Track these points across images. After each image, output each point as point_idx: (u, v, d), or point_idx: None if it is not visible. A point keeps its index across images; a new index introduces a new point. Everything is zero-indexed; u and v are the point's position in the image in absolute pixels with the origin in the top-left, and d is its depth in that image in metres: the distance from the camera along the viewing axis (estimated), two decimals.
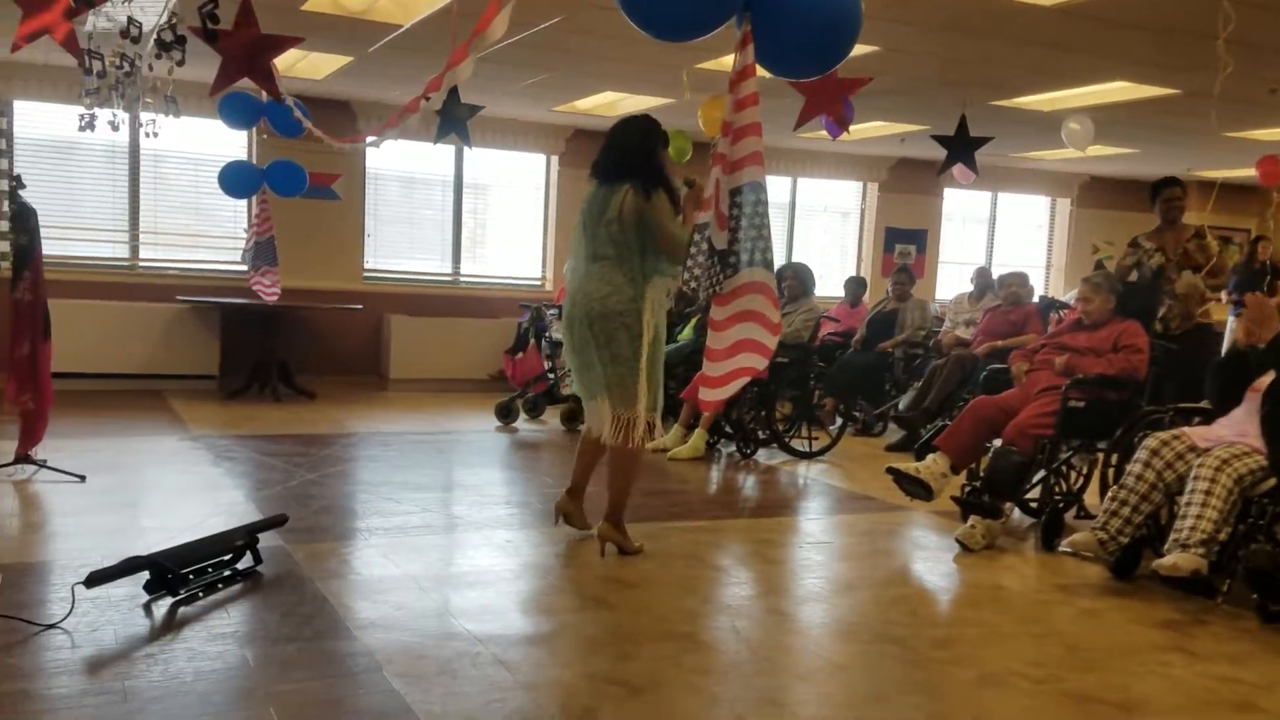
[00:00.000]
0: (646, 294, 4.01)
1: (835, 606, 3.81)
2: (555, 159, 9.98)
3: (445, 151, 9.27)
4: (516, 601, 3.65)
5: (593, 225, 4.08)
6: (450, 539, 4.45)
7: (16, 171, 7.24)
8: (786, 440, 6.86)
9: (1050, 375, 4.91)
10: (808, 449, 6.82)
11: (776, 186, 11.34)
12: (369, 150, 8.94)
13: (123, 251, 8.53)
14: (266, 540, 3.97)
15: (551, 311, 8.06)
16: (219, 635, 3.14)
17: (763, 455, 6.79)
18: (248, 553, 3.77)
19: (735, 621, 3.53)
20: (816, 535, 4.93)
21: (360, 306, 8.77)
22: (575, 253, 4.18)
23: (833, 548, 4.70)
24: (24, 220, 5.00)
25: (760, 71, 3.20)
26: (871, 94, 6.64)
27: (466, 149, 8.22)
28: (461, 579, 3.90)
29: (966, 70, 6.80)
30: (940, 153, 7.79)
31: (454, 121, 5.39)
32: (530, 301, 8.37)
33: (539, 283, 10.13)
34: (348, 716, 2.64)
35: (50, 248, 7.97)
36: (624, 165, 4.06)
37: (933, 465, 4.76)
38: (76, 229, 8.27)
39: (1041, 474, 4.89)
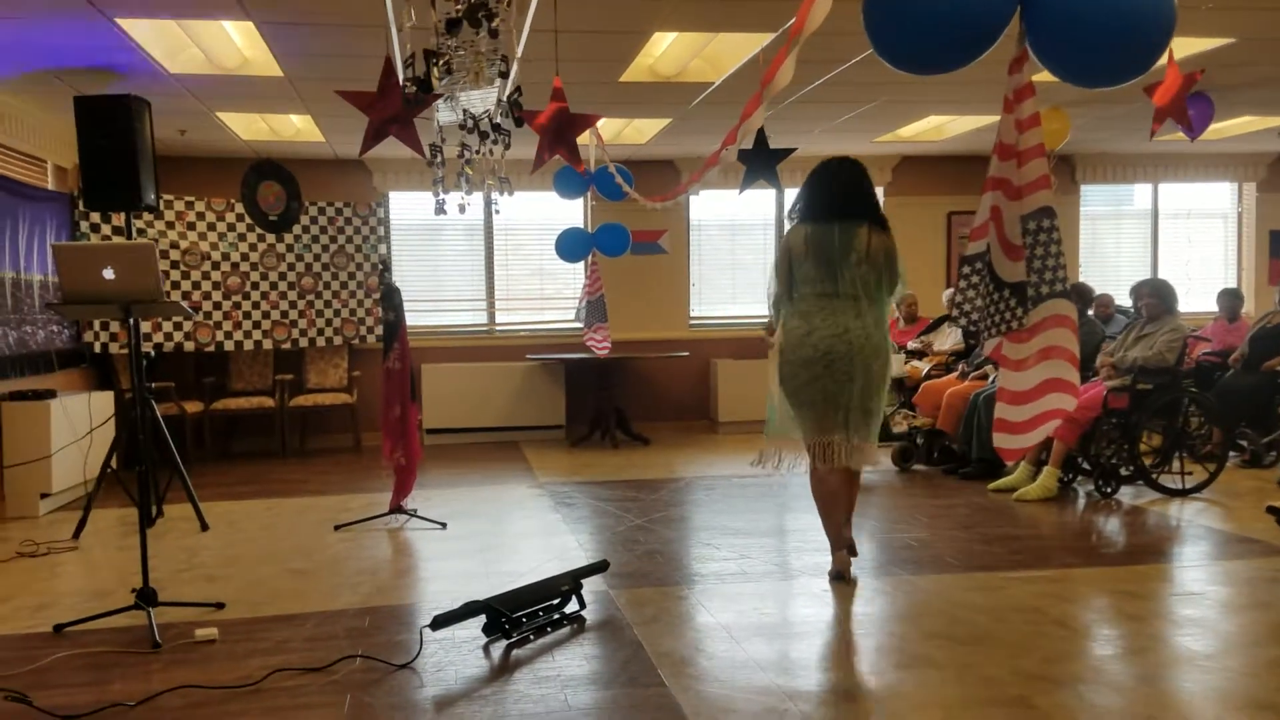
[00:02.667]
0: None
1: (1208, 671, 3.29)
2: (881, 190, 9.75)
3: (766, 195, 9.37)
4: (832, 656, 3.51)
5: (834, 264, 4.18)
6: (767, 587, 4.38)
7: (384, 256, 8.29)
8: (1154, 476, 6.12)
9: None
10: (1180, 485, 6.04)
11: (1139, 194, 10.30)
12: (692, 201, 9.26)
13: (481, 318, 9.42)
14: (592, 584, 4.14)
15: None
16: (544, 678, 3.30)
17: (1126, 494, 6.10)
18: (574, 597, 3.96)
19: (1081, 686, 3.15)
20: (1188, 585, 4.31)
21: (687, 353, 9.03)
22: (807, 290, 4.25)
23: (1208, 600, 4.08)
24: (390, 299, 5.65)
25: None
26: (1237, 86, 5.86)
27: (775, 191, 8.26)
28: (775, 630, 3.82)
29: None
30: None
31: (760, 168, 5.43)
32: None
33: None
34: None
35: (423, 319, 9.09)
36: (858, 205, 4.24)
37: None
38: (443, 299, 9.27)
39: None
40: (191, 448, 7.81)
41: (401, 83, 3.93)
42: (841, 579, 4.35)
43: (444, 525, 5.53)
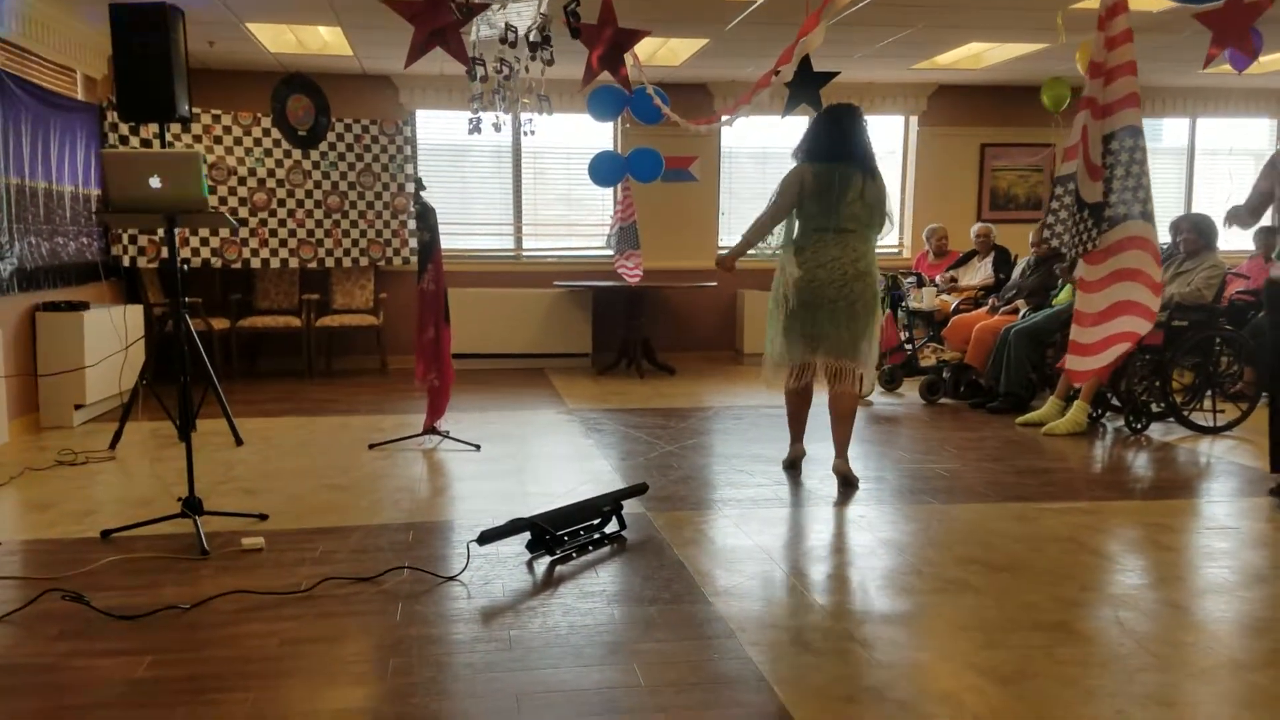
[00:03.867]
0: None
1: (1242, 600, 3.32)
2: (915, 119, 9.60)
3: (799, 124, 9.22)
4: (870, 578, 3.55)
5: (834, 202, 4.56)
6: (802, 512, 4.43)
7: (418, 175, 8.21)
8: (1186, 414, 6.11)
9: None
10: (1212, 424, 6.03)
11: (1173, 129, 10.12)
12: (724, 130, 9.12)
13: (508, 243, 9.38)
14: (630, 507, 4.19)
15: (909, 280, 7.77)
16: (589, 593, 3.35)
17: (1156, 430, 6.11)
18: (614, 518, 4.00)
19: (1119, 612, 3.19)
20: (1221, 520, 4.33)
21: (715, 284, 8.99)
22: (806, 224, 4.64)
23: (1240, 534, 4.10)
24: (425, 219, 5.61)
25: (1150, 3, 2.82)
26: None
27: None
28: (813, 552, 3.87)
29: None
30: None
31: (805, 92, 5.33)
32: (886, 270, 8.12)
33: (896, 250, 9.82)
34: (703, 679, 2.71)
35: (448, 242, 9.01)
36: (857, 150, 4.62)
37: None
38: (469, 224, 9.21)
39: None
40: (219, 364, 7.85)
41: None
42: (794, 467, 5.03)
43: (478, 447, 5.57)
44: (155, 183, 3.67)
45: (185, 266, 7.33)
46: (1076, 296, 3.01)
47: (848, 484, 4.77)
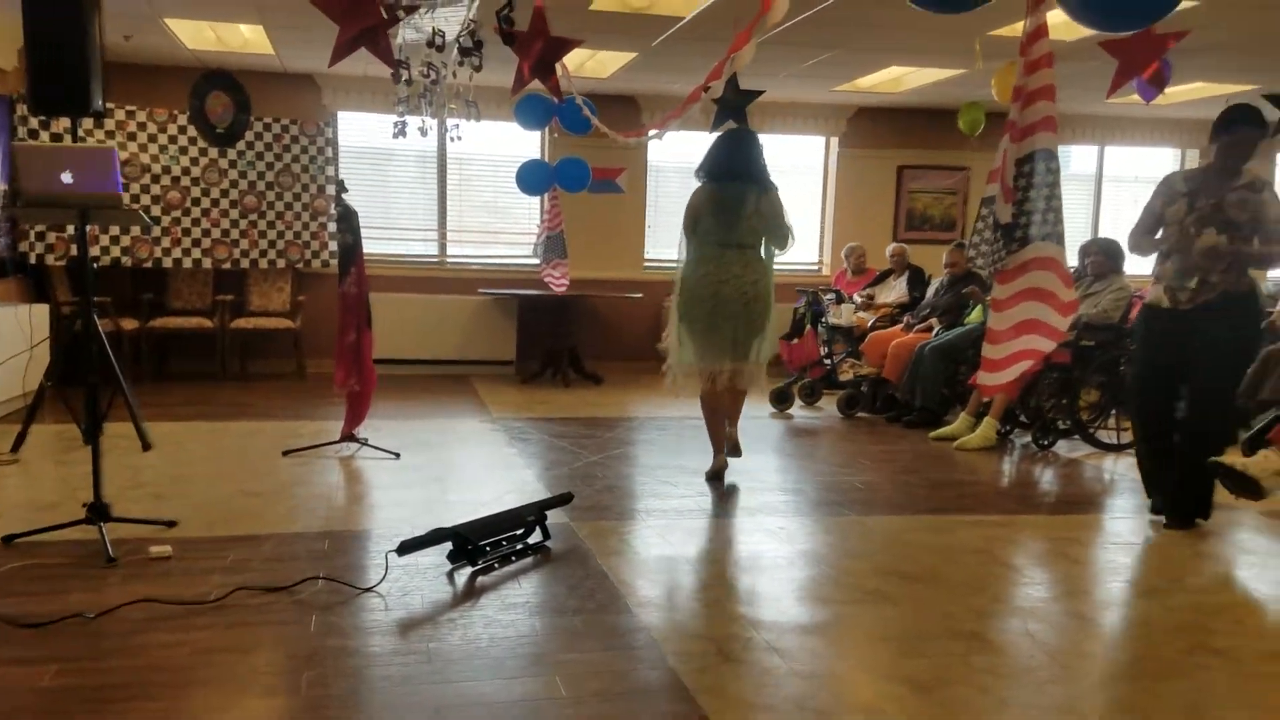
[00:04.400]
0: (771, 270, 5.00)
1: (1146, 612, 3.46)
2: (835, 140, 9.79)
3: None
4: (790, 589, 3.59)
5: (728, 219, 4.88)
6: (724, 523, 4.47)
7: (340, 177, 8.08)
8: (1091, 431, 6.33)
9: None
10: (1116, 441, 6.26)
11: (1081, 156, 10.50)
12: (651, 143, 9.17)
13: (432, 249, 9.27)
14: (554, 517, 4.17)
15: (829, 296, 7.90)
16: (512, 604, 3.32)
17: (1062, 447, 6.31)
18: (538, 528, 3.98)
19: (1029, 623, 3.29)
20: (1125, 535, 4.49)
21: (641, 295, 9.02)
22: (707, 240, 4.93)
23: (1143, 549, 4.27)
24: (348, 221, 5.52)
25: (1064, 33, 2.94)
26: (1190, 51, 5.96)
27: None
28: (735, 563, 3.91)
29: None
30: (1271, 114, 6.87)
31: (732, 108, 5.41)
32: (807, 286, 8.27)
33: (816, 267, 9.99)
34: (625, 690, 2.71)
35: (369, 246, 8.84)
36: (753, 170, 4.93)
37: (1265, 461, 4.20)
38: (392, 228, 9.09)
39: None
40: (129, 366, 7.58)
41: None
42: (718, 479, 5.15)
43: (397, 455, 5.48)
44: (67, 178, 3.54)
45: (94, 265, 7.07)
46: (989, 315, 3.12)
47: (735, 452, 5.30)
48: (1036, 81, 2.82)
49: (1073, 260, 7.66)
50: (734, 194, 4.90)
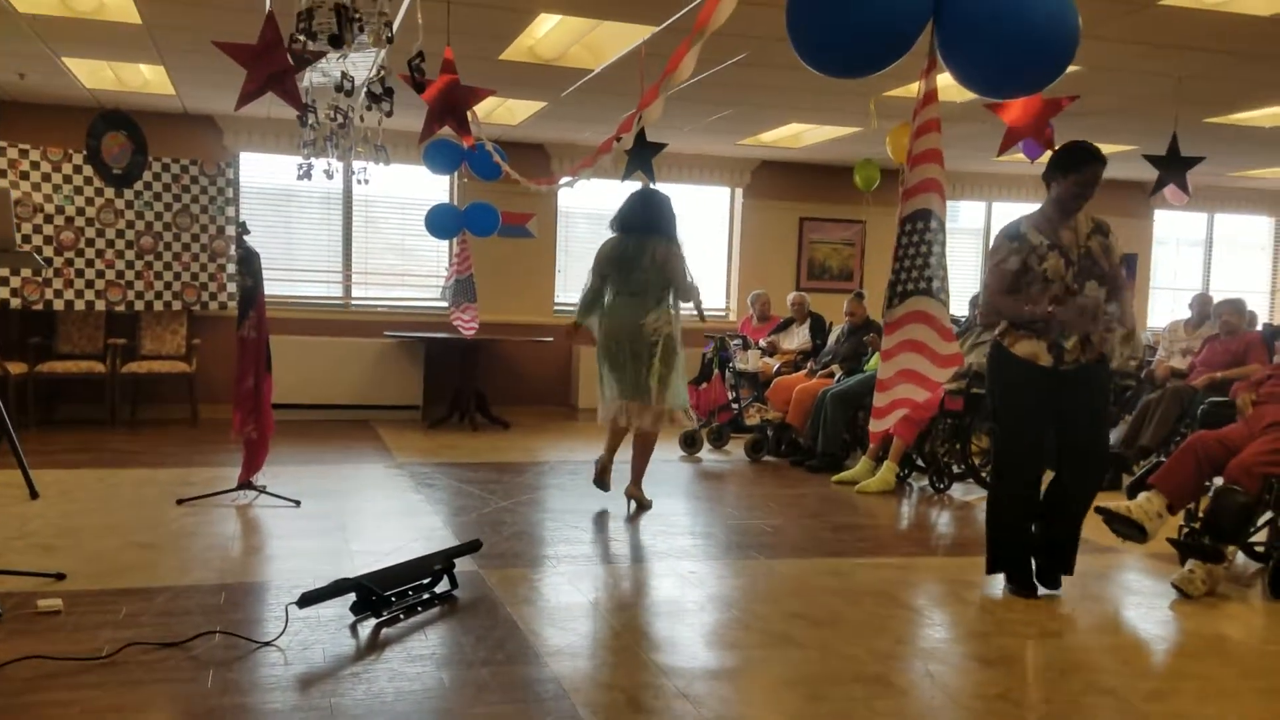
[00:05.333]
0: (677, 318, 5.34)
1: (1039, 654, 3.58)
2: (739, 191, 10.03)
3: (632, 189, 9.47)
4: (701, 634, 3.63)
5: (632, 269, 5.27)
6: (636, 568, 4.49)
7: (242, 219, 7.93)
8: (984, 475, 6.55)
9: (1279, 409, 4.49)
10: None
11: (969, 211, 10.95)
12: (561, 190, 9.25)
13: (336, 291, 9.14)
14: (462, 565, 4.13)
15: (736, 342, 8.05)
16: (418, 657, 3.27)
17: (957, 490, 6.52)
18: (445, 577, 3.93)
19: (930, 664, 3.38)
20: None
21: (551, 339, 9.03)
22: (616, 287, 5.37)
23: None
24: (248, 264, 5.42)
25: (954, 95, 3.11)
26: (1073, 114, 6.32)
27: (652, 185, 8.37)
28: (646, 609, 3.92)
29: (1178, 87, 6.36)
30: (1150, 173, 7.31)
31: (640, 159, 5.53)
32: (714, 332, 8.41)
33: (723, 313, 10.16)
34: None
35: (271, 288, 8.68)
36: (660, 225, 5.32)
37: (1147, 505, 4.42)
38: (295, 270, 8.93)
39: (1269, 516, 4.46)
40: (14, 412, 7.25)
41: (289, 37, 3.78)
42: (604, 475, 5.58)
43: (297, 503, 5.35)
44: None
45: None
46: (879, 364, 3.27)
47: (640, 507, 5.53)
48: (923, 145, 2.97)
49: (963, 310, 7.98)
50: (637, 247, 5.29)
